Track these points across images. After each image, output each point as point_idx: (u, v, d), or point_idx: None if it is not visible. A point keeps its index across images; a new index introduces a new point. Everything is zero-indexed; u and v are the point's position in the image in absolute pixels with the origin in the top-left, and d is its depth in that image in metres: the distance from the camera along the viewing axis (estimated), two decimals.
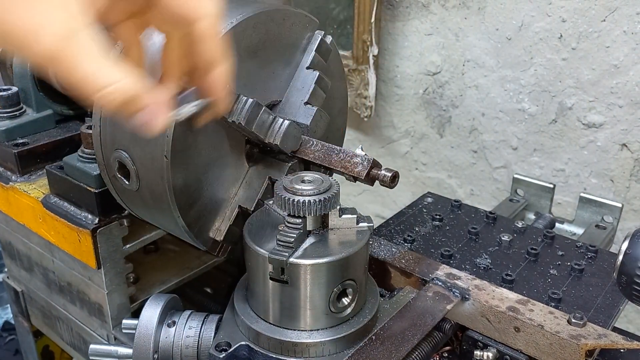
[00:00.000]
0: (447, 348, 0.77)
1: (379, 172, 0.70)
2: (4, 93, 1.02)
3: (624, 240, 0.64)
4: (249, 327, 0.67)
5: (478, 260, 0.87)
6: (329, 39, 0.81)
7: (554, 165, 1.45)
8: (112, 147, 0.72)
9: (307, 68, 0.79)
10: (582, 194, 1.18)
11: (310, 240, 0.66)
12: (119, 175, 0.73)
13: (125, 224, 0.84)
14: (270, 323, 0.67)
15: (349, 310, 0.68)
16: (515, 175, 1.25)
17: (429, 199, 1.07)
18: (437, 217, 0.99)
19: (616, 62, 1.27)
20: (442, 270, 0.78)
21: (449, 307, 0.72)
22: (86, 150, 0.85)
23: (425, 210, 1.03)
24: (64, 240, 0.87)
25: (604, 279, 0.84)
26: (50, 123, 1.06)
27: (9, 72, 1.11)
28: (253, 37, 0.72)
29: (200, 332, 0.71)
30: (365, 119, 1.67)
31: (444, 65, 1.55)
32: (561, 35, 1.32)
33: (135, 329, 0.71)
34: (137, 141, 0.68)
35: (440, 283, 0.76)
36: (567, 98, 1.37)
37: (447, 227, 0.97)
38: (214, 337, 0.70)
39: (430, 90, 1.60)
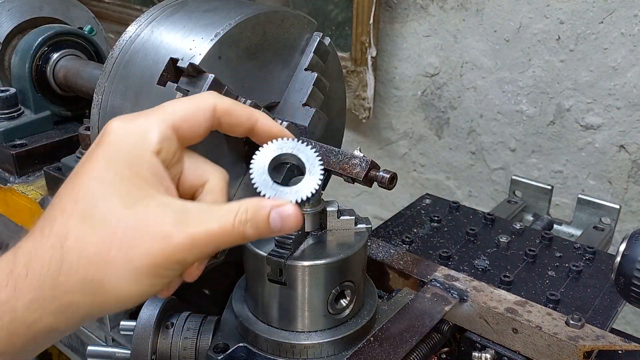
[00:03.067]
0: (446, 349, 0.77)
1: (377, 174, 0.70)
2: (2, 94, 1.02)
3: (621, 242, 0.64)
4: (247, 329, 0.67)
5: (476, 262, 0.87)
6: (327, 40, 0.81)
7: (552, 166, 1.45)
8: None
9: (306, 69, 0.78)
10: (580, 196, 1.18)
11: (308, 242, 0.66)
12: None
13: None
14: (268, 325, 0.67)
15: (347, 311, 0.68)
16: (514, 177, 1.25)
17: (427, 201, 1.07)
18: (436, 218, 0.99)
19: (614, 64, 1.28)
20: (441, 272, 0.78)
21: (447, 308, 0.72)
22: (84, 151, 0.85)
23: (423, 212, 1.03)
24: None
25: (602, 281, 0.84)
26: (49, 124, 1.06)
27: (7, 73, 1.11)
28: (251, 38, 0.72)
29: (198, 333, 0.71)
30: (364, 121, 1.67)
31: (442, 67, 1.55)
32: (559, 37, 1.33)
33: (133, 330, 0.71)
34: None
35: (438, 284, 0.76)
36: (565, 100, 1.37)
37: (446, 229, 0.97)
38: (212, 339, 0.69)
39: (429, 91, 1.60)
